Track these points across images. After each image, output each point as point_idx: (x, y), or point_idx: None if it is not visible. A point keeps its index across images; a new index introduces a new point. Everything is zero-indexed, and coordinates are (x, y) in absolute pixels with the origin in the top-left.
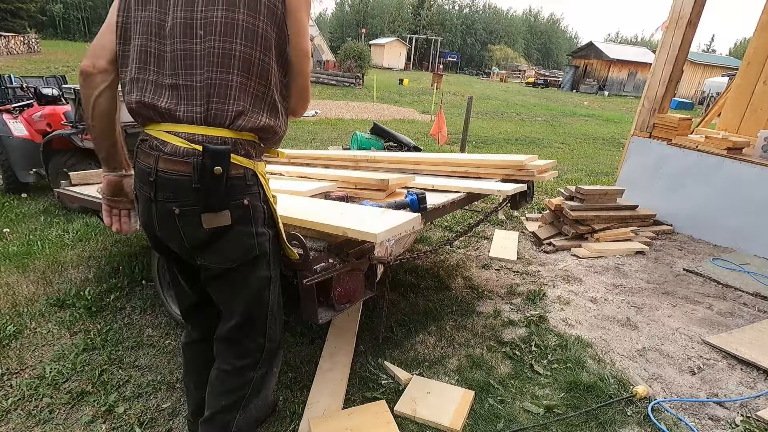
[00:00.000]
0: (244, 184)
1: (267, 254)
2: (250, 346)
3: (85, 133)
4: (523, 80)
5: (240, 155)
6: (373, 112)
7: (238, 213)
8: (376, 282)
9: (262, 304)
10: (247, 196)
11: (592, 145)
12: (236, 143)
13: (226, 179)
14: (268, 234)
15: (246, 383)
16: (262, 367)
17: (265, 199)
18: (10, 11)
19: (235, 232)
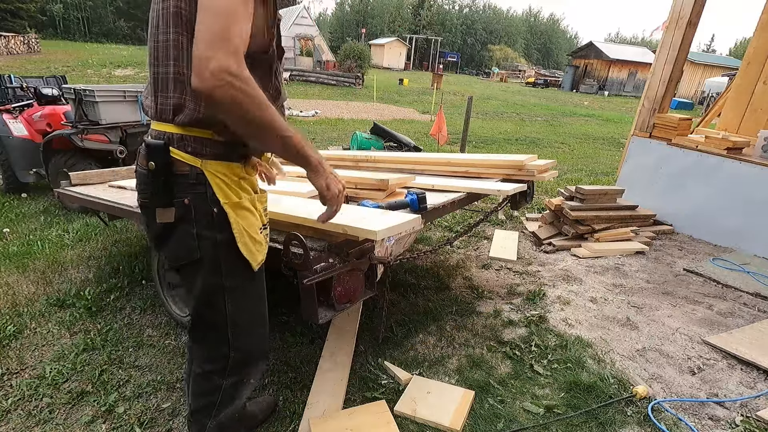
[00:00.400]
0: (187, 182)
1: (214, 260)
2: (213, 353)
3: (85, 133)
4: (523, 80)
5: (185, 152)
6: (373, 112)
7: (180, 212)
8: (376, 282)
9: (215, 312)
10: (189, 195)
11: (592, 145)
12: (182, 139)
13: (167, 175)
14: (214, 238)
15: (215, 389)
16: (232, 376)
17: (214, 201)
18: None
19: (179, 230)
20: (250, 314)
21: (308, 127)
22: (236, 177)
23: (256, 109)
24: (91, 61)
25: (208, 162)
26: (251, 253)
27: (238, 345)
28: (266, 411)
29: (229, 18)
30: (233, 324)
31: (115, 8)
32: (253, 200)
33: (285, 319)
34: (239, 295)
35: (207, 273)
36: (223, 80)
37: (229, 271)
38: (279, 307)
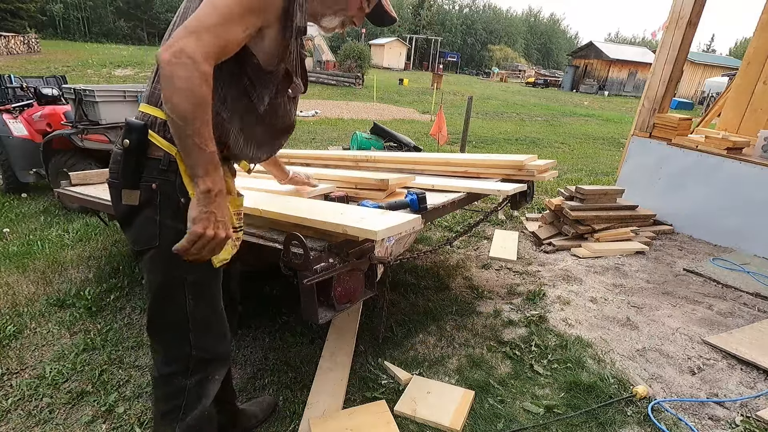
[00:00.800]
0: (158, 167)
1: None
2: (173, 353)
3: (85, 133)
4: (523, 80)
5: (163, 137)
6: (373, 112)
7: (145, 196)
8: (376, 282)
9: (175, 308)
10: (158, 181)
11: (592, 145)
12: (164, 124)
13: (139, 156)
14: (177, 228)
15: (179, 391)
16: (196, 374)
17: (183, 191)
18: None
19: (142, 215)
20: (211, 312)
21: (308, 127)
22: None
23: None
24: (91, 61)
25: None
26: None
27: (200, 344)
28: (266, 411)
29: (221, 17)
30: (194, 321)
31: (115, 8)
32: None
33: (285, 319)
34: (201, 291)
35: (167, 264)
36: (180, 62)
37: (190, 267)
38: (279, 307)
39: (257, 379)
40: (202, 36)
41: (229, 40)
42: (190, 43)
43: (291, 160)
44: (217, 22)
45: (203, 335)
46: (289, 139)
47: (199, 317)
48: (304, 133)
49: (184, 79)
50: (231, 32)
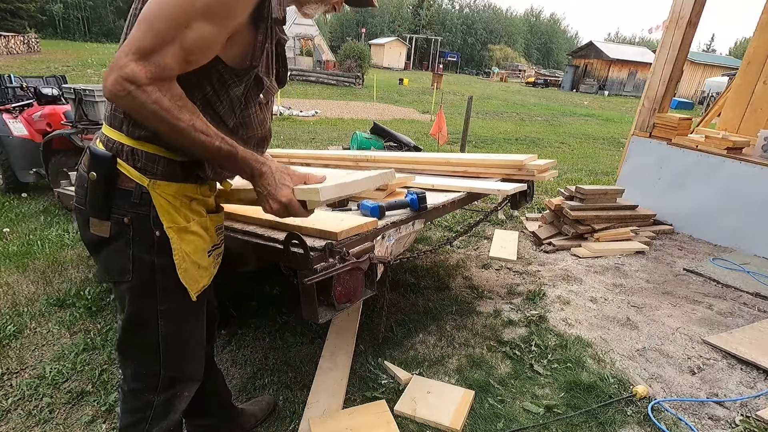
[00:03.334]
0: (130, 200)
1: (149, 284)
2: (142, 371)
3: (85, 133)
4: (523, 80)
5: (133, 167)
6: (373, 111)
7: (116, 229)
8: (376, 281)
9: (147, 332)
10: (130, 214)
11: (592, 145)
12: (132, 153)
13: (107, 188)
14: (152, 262)
15: (146, 406)
16: (164, 392)
17: (158, 224)
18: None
19: (113, 247)
20: (185, 336)
21: (308, 126)
22: (187, 199)
23: (162, 124)
24: (91, 60)
25: (157, 182)
26: (193, 281)
27: (171, 365)
28: (266, 410)
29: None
30: (166, 344)
31: (115, 8)
32: (204, 222)
33: (285, 318)
34: (175, 319)
35: (140, 295)
36: (125, 90)
37: (165, 296)
38: (279, 307)
39: (257, 379)
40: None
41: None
42: (131, 65)
43: (291, 160)
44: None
45: (175, 357)
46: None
47: (172, 341)
48: (304, 133)
49: (139, 110)
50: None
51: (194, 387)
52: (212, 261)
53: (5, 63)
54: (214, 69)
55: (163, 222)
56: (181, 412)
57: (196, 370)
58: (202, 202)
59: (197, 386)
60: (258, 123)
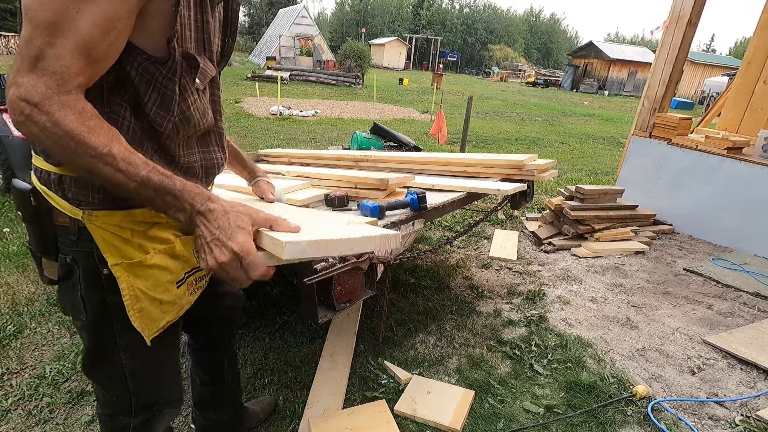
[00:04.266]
0: (68, 238)
1: (104, 321)
2: (113, 398)
3: None
4: (523, 80)
5: (63, 198)
6: (373, 111)
7: (63, 270)
8: (376, 281)
9: (111, 364)
10: (72, 253)
11: (592, 145)
12: (60, 181)
13: (43, 227)
14: (104, 299)
15: (124, 428)
16: (141, 415)
17: (103, 261)
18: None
19: (64, 286)
20: (153, 366)
21: (308, 126)
22: (142, 226)
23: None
24: None
25: (95, 213)
26: (149, 321)
27: (142, 393)
28: (267, 411)
29: (56, 30)
30: (132, 376)
31: None
32: (171, 249)
33: (285, 318)
34: (137, 351)
35: (96, 331)
36: (22, 113)
37: (123, 331)
38: (279, 306)
39: (257, 379)
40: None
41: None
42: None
43: (291, 159)
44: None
45: (145, 387)
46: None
47: (139, 373)
48: (304, 132)
49: (40, 136)
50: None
51: (176, 406)
52: (184, 291)
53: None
54: (132, 63)
55: (107, 259)
56: (164, 428)
57: (173, 394)
58: (168, 224)
59: (180, 405)
60: (200, 115)
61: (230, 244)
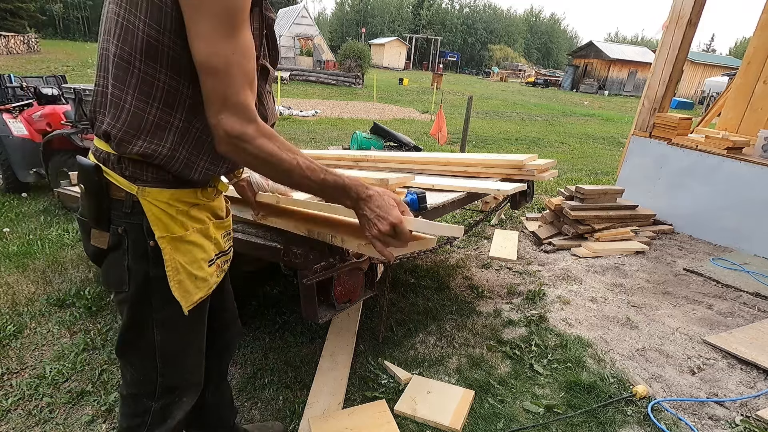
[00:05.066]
0: (122, 210)
1: (145, 293)
2: (140, 377)
3: (85, 133)
4: (523, 80)
5: (121, 175)
6: (373, 111)
7: (114, 240)
8: (376, 281)
9: (144, 340)
10: (124, 225)
11: (592, 145)
12: (119, 160)
13: (100, 198)
14: (146, 272)
15: (145, 411)
16: (163, 399)
17: (151, 233)
18: (9, 11)
19: (110, 258)
20: (182, 346)
21: (308, 126)
22: (185, 206)
23: (272, 170)
24: (90, 60)
25: (147, 189)
26: (186, 293)
27: (169, 374)
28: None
29: (228, 74)
30: (162, 353)
31: None
32: (205, 230)
33: (285, 318)
34: (172, 328)
35: (136, 305)
36: (233, 145)
37: (161, 305)
38: (279, 306)
39: (257, 379)
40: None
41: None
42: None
43: None
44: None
45: (172, 366)
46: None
47: (169, 351)
48: (304, 132)
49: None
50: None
51: (194, 395)
52: (214, 270)
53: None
54: None
55: (155, 231)
56: (179, 418)
57: (195, 378)
58: (205, 207)
59: (197, 394)
60: (271, 114)
61: (389, 217)
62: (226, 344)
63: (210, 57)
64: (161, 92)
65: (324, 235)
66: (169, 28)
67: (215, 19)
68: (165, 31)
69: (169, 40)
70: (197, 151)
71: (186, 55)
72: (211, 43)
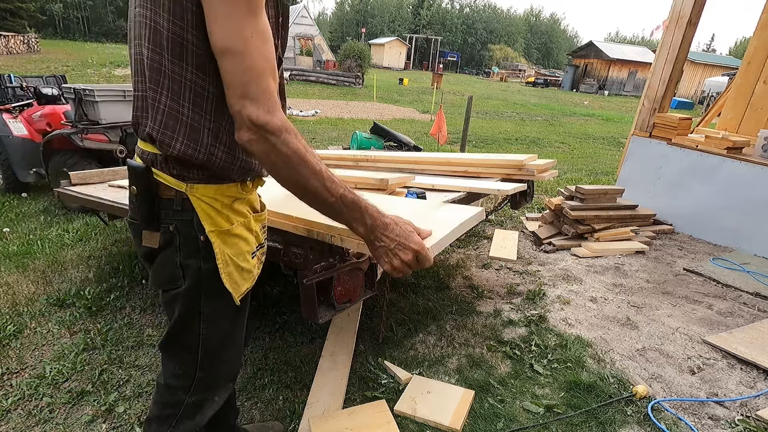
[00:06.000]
0: (172, 208)
1: (196, 288)
2: (180, 370)
3: (85, 133)
4: (523, 80)
5: (169, 174)
6: (373, 111)
7: (165, 238)
8: (376, 281)
9: (190, 335)
10: (175, 222)
11: (592, 145)
12: (166, 161)
13: (152, 200)
14: (198, 267)
15: (178, 403)
16: (197, 395)
17: (201, 228)
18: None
19: (162, 257)
20: (224, 339)
21: (308, 126)
22: (228, 200)
23: (290, 172)
24: (90, 60)
25: (195, 186)
26: (235, 284)
27: (207, 367)
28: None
29: (250, 57)
30: (205, 348)
31: (115, 8)
32: (247, 223)
33: (285, 318)
34: (216, 322)
35: (187, 301)
36: (258, 134)
37: (209, 299)
38: (279, 306)
39: (257, 379)
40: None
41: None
42: (251, 110)
43: None
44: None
45: (213, 360)
46: None
47: (212, 345)
48: (304, 132)
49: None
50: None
51: (226, 393)
52: (256, 262)
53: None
54: None
55: (204, 226)
56: (208, 416)
57: (231, 372)
58: (245, 201)
59: (229, 392)
60: (282, 101)
61: (411, 245)
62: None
63: (228, 39)
64: (189, 91)
65: (323, 235)
66: (191, 24)
67: (231, 1)
68: (188, 27)
69: (192, 36)
70: (232, 151)
71: (209, 51)
72: (229, 25)
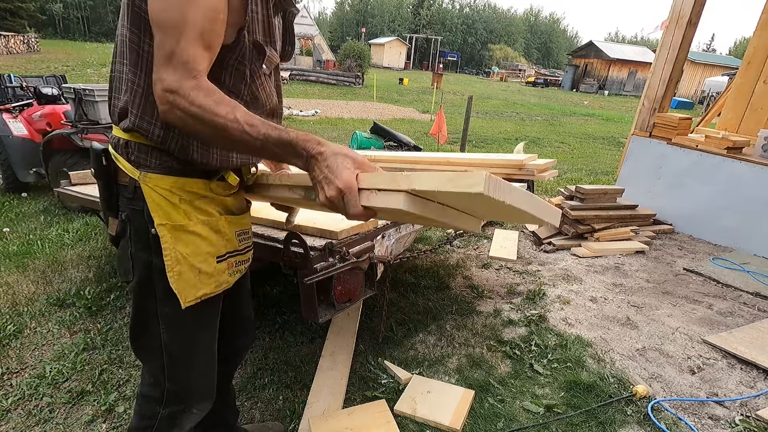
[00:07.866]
0: (126, 196)
1: (148, 284)
2: (151, 377)
3: (85, 133)
4: (523, 80)
5: (127, 160)
6: (373, 111)
7: (120, 226)
8: (376, 281)
9: (151, 336)
10: (127, 211)
11: (592, 145)
12: (126, 145)
13: (107, 183)
14: (149, 261)
15: (153, 414)
16: (170, 406)
17: (151, 220)
18: (9, 11)
19: (121, 246)
20: (189, 346)
21: (308, 126)
22: (189, 196)
23: (206, 128)
24: (90, 60)
25: (149, 175)
26: (188, 287)
27: (175, 377)
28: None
29: (178, 30)
30: (169, 354)
31: (115, 8)
32: (212, 223)
33: (285, 318)
34: (177, 325)
35: (141, 296)
36: (167, 101)
37: (167, 299)
38: (279, 306)
39: (257, 379)
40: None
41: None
42: (165, 78)
43: None
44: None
45: (179, 368)
46: None
47: (175, 350)
48: None
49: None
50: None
51: (206, 405)
52: (225, 268)
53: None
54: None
55: (154, 218)
56: (187, 429)
57: (205, 386)
58: (214, 200)
59: (210, 405)
60: (266, 96)
61: (336, 181)
62: (237, 350)
63: (162, 11)
64: (145, 62)
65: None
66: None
67: None
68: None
69: (144, 4)
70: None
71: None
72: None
